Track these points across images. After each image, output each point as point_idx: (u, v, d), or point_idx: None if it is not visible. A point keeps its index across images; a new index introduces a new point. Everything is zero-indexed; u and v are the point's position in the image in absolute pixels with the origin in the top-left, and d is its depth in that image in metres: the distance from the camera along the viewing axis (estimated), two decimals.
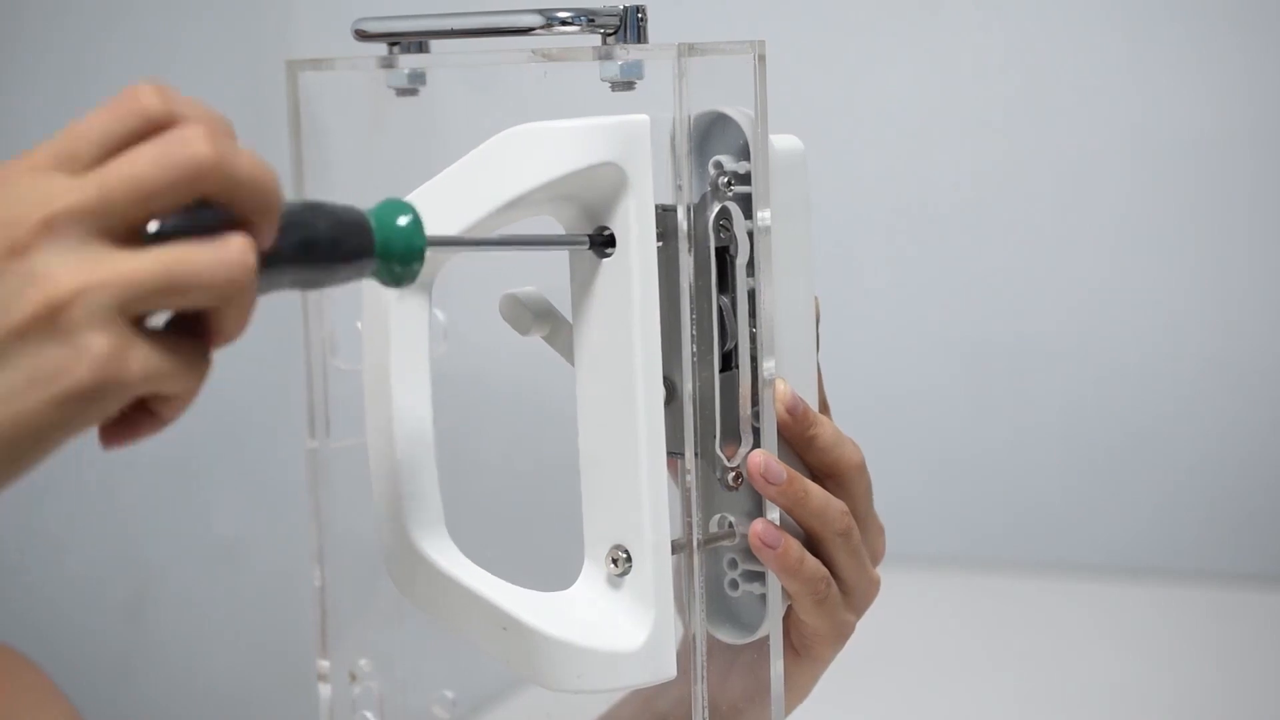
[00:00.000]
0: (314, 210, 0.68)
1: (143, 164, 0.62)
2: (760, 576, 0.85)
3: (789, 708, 0.88)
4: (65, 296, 0.60)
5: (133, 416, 0.64)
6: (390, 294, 0.81)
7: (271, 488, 1.78)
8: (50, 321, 0.60)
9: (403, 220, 0.71)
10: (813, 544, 0.85)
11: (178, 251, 0.62)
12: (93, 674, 1.65)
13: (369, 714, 0.94)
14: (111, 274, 0.61)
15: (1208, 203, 1.89)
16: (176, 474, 1.70)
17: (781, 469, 0.83)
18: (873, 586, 0.87)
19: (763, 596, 0.86)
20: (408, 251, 0.71)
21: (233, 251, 0.62)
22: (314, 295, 0.92)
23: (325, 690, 0.93)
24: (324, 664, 0.93)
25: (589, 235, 0.82)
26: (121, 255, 0.61)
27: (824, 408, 0.88)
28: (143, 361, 0.61)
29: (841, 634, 0.87)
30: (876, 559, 0.88)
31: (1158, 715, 1.57)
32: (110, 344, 0.60)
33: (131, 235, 0.62)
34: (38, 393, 0.60)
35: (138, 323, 0.62)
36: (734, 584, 0.86)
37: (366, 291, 0.83)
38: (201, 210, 0.63)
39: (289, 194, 0.90)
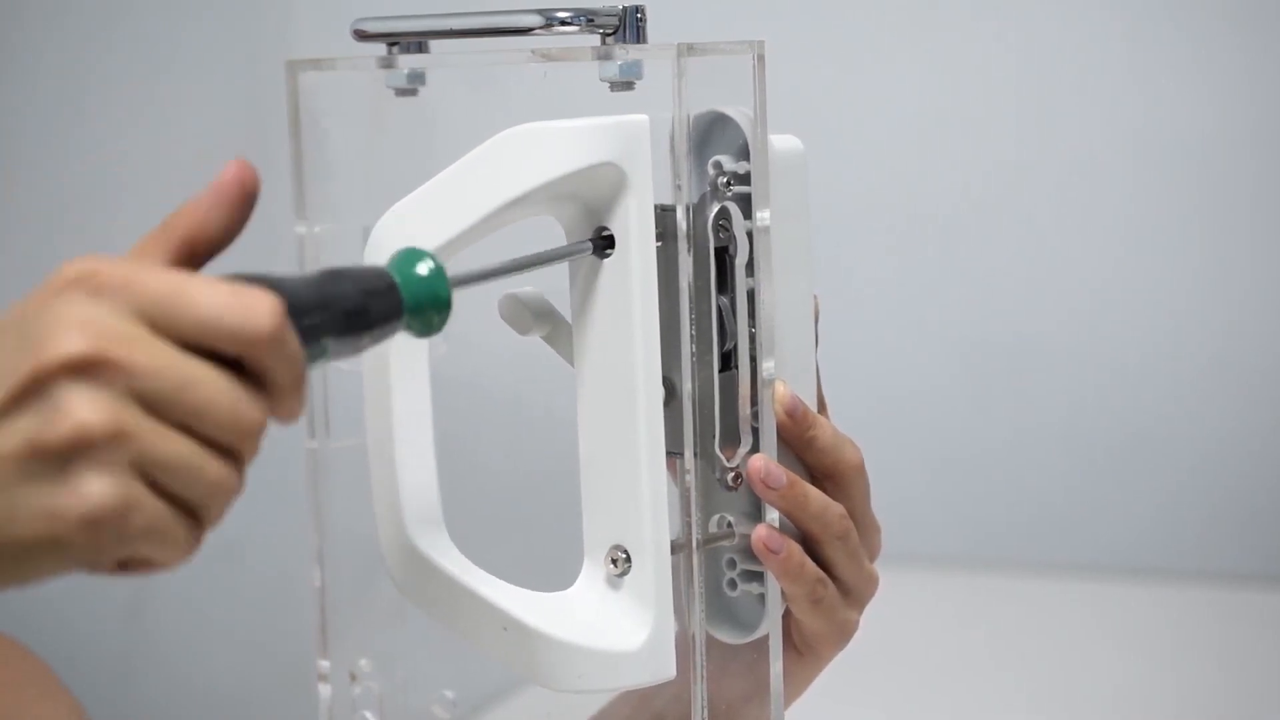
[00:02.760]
0: (340, 279, 0.67)
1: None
2: (759, 576, 0.85)
3: (786, 704, 0.88)
4: (90, 438, 0.59)
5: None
6: None
7: (271, 488, 1.78)
8: (65, 459, 0.59)
9: (423, 269, 0.70)
10: (810, 545, 0.85)
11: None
12: (93, 674, 1.65)
13: (369, 714, 0.94)
14: (136, 429, 0.59)
15: (1208, 203, 1.89)
16: None
17: (782, 473, 0.83)
18: (871, 584, 0.87)
19: (761, 596, 0.85)
20: (435, 304, 0.70)
21: (254, 409, 0.62)
22: None
23: (325, 690, 0.93)
24: (324, 664, 0.93)
25: (590, 239, 0.82)
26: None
27: (822, 407, 0.88)
28: (145, 519, 0.60)
29: (844, 633, 0.87)
30: (873, 556, 0.88)
31: (1159, 715, 1.57)
32: (117, 496, 0.59)
33: None
34: (23, 528, 0.59)
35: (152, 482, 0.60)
36: (733, 584, 0.86)
37: None
38: None
39: (288, 194, 0.90)
